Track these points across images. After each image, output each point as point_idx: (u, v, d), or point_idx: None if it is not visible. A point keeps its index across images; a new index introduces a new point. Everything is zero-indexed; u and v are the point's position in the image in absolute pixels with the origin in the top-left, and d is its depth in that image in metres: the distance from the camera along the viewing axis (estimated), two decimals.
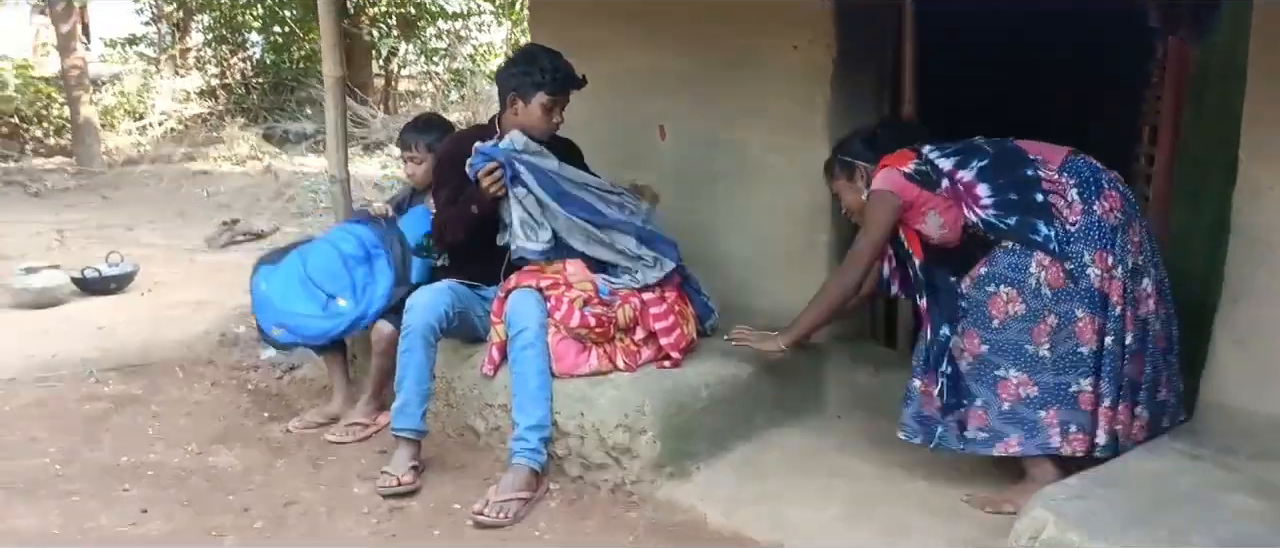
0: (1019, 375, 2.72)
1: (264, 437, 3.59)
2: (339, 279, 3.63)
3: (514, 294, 3.20)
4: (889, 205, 2.85)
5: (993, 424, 2.76)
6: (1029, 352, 2.70)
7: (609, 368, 3.19)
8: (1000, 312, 2.72)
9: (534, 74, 3.33)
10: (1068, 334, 2.67)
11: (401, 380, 3.20)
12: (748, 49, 3.74)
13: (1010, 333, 2.71)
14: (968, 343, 2.79)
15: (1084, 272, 2.64)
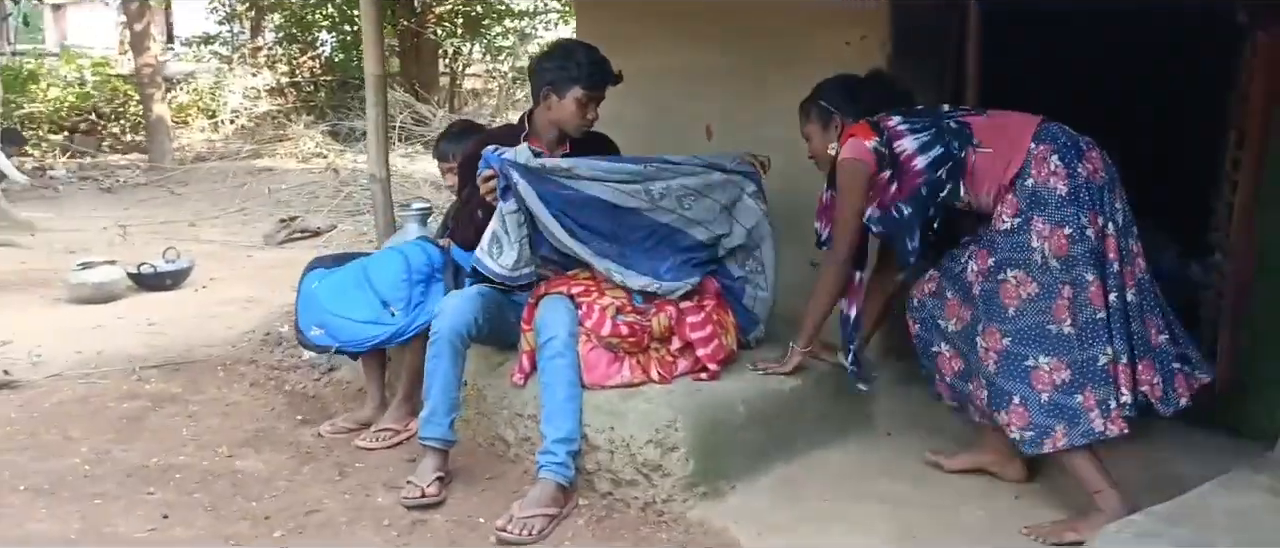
0: (1049, 361, 2.61)
1: (295, 441, 3.52)
2: (398, 290, 3.53)
3: (544, 301, 3.08)
4: (862, 175, 2.85)
5: (1036, 420, 2.64)
6: (1053, 332, 2.61)
7: (642, 379, 3.04)
8: (1013, 298, 2.64)
9: (570, 68, 3.20)
10: (1084, 301, 2.59)
11: (428, 388, 3.09)
12: (797, 46, 3.56)
13: (1029, 318, 2.63)
14: (990, 341, 2.68)
15: (1083, 234, 2.57)
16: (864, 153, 2.83)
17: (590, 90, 3.21)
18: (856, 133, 2.86)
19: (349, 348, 3.57)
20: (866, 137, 2.83)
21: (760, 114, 3.70)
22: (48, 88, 12.85)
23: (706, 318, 3.10)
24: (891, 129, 2.84)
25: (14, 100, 11.86)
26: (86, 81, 13.15)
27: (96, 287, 5.56)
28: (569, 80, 3.20)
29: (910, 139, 2.81)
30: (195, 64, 14.39)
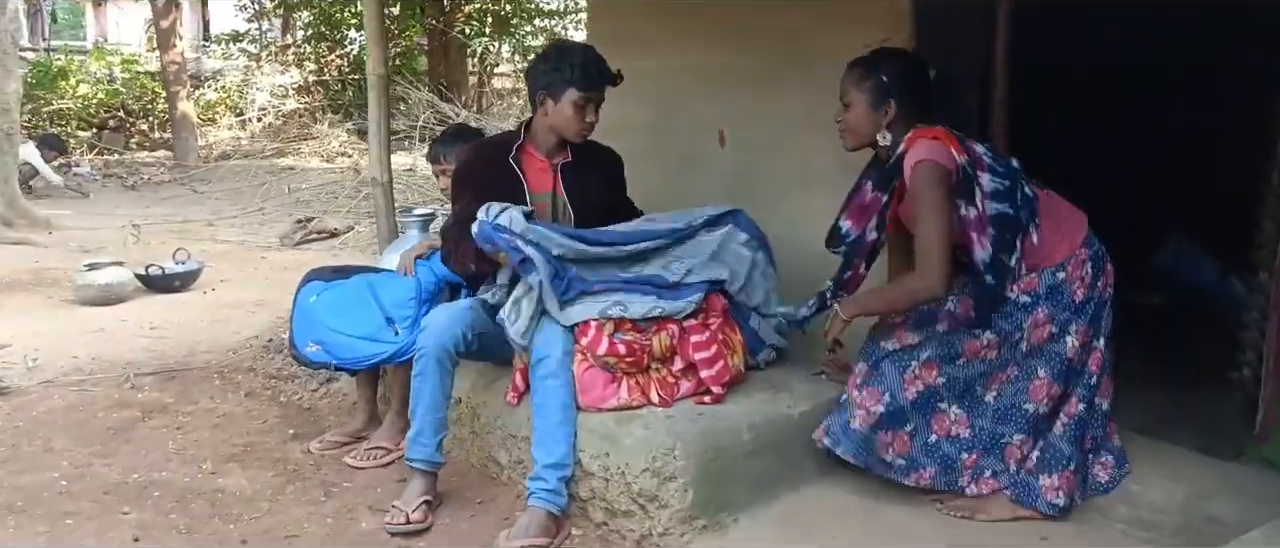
0: (959, 414, 2.70)
1: (283, 457, 3.38)
2: (405, 309, 3.34)
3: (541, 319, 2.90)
4: (945, 182, 2.55)
5: (914, 453, 2.71)
6: (978, 393, 2.70)
7: (641, 402, 2.86)
8: (972, 352, 2.67)
9: (564, 70, 3.03)
10: (1020, 389, 2.69)
11: (414, 407, 2.94)
12: (814, 47, 3.35)
13: (970, 372, 2.69)
14: (924, 373, 2.68)
15: (1064, 340, 2.66)
16: (950, 162, 2.55)
17: (587, 92, 3.03)
18: (938, 137, 2.58)
19: (347, 366, 3.40)
20: (951, 145, 2.57)
21: (774, 119, 3.51)
22: (77, 84, 12.90)
23: (711, 337, 2.91)
24: (977, 155, 2.61)
25: (43, 97, 11.91)
26: (116, 78, 13.19)
27: (103, 288, 5.48)
28: (564, 83, 3.03)
29: (989, 178, 2.60)
30: (224, 62, 14.41)
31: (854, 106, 2.75)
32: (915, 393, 2.69)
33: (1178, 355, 4.10)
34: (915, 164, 2.56)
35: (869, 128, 2.73)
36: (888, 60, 2.74)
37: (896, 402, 2.69)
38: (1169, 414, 3.52)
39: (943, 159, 2.55)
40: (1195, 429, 3.40)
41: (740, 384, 3.01)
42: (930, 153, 2.55)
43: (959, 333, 2.67)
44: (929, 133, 2.61)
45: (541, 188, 3.16)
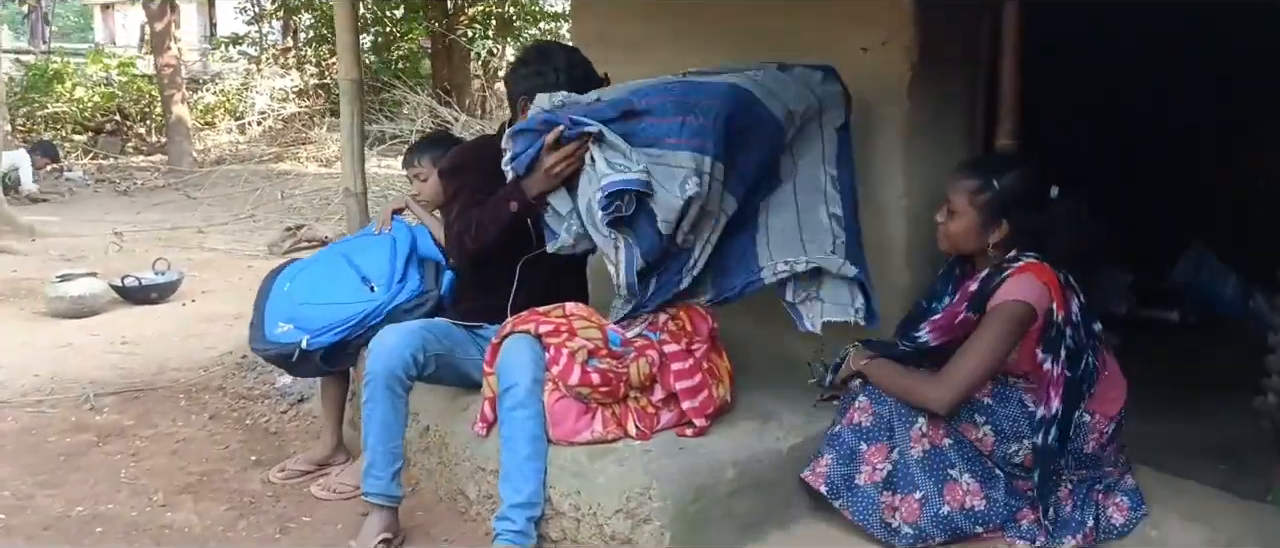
0: (971, 484, 2.44)
1: (240, 487, 3.17)
2: (381, 267, 3.18)
3: (507, 342, 2.68)
4: (1022, 327, 2.37)
5: (923, 525, 2.43)
6: (989, 466, 2.47)
7: (616, 434, 2.63)
8: (966, 432, 2.48)
9: (546, 74, 2.82)
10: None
11: (365, 437, 2.73)
12: (810, 50, 3.11)
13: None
14: (931, 429, 2.46)
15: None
16: (1043, 305, 2.36)
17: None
18: (1048, 282, 2.38)
19: (321, 340, 3.06)
20: (1054, 296, 2.38)
21: None
22: (73, 88, 12.75)
23: (695, 365, 2.68)
24: (1070, 311, 2.42)
25: (38, 100, 11.75)
26: (113, 82, 13.03)
27: (75, 300, 5.28)
28: (546, 86, 2.81)
29: (1071, 337, 2.42)
30: (224, 64, 14.26)
31: (961, 217, 2.50)
32: (922, 452, 2.48)
33: (1198, 378, 3.86)
34: (1010, 300, 2.37)
35: (975, 244, 2.51)
36: (1008, 173, 2.48)
37: (904, 460, 2.48)
38: (1189, 446, 3.29)
39: (1039, 305, 2.37)
40: (1219, 463, 3.17)
41: (726, 414, 2.79)
42: (1030, 294, 2.37)
43: (963, 409, 2.47)
44: (1039, 270, 2.40)
45: None
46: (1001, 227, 2.46)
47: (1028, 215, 2.45)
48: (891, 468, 2.49)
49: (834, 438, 2.57)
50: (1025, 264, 2.42)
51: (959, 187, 2.52)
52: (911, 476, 2.49)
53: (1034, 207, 2.46)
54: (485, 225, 2.80)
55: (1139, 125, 5.07)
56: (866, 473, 2.54)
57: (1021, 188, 2.47)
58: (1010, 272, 2.42)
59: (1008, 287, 2.39)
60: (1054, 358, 2.39)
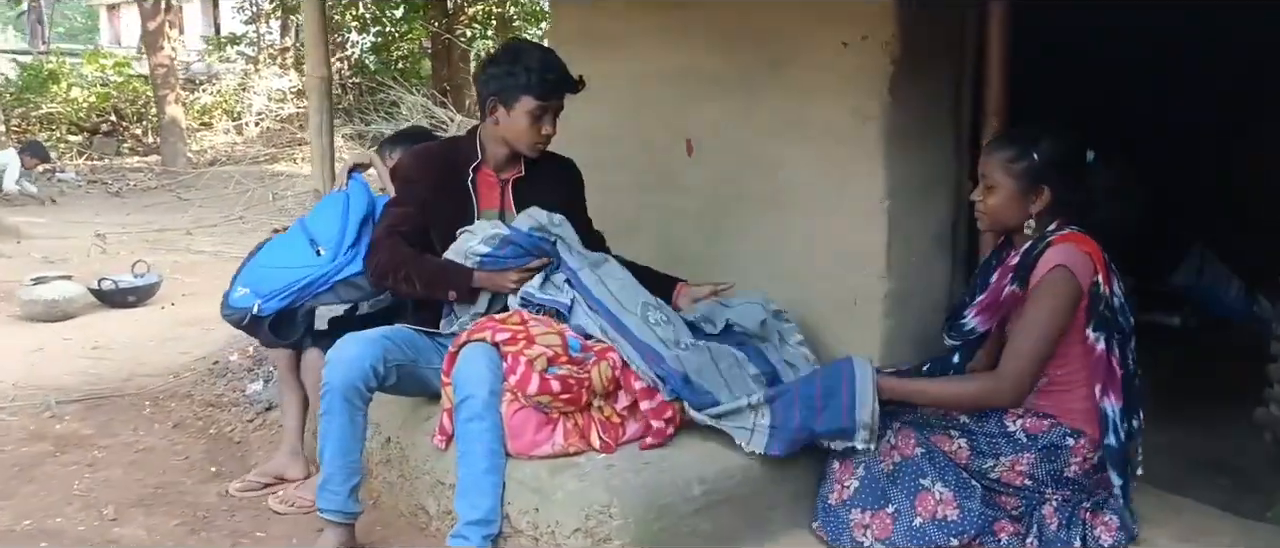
0: (944, 493, 2.32)
1: (196, 500, 3.05)
2: (330, 229, 3.07)
3: (463, 351, 2.55)
4: (1073, 296, 2.23)
5: (896, 539, 2.33)
6: (964, 476, 2.34)
7: (579, 447, 2.50)
8: (939, 444, 2.39)
9: (518, 74, 2.68)
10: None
11: (321, 450, 2.60)
12: (790, 46, 3.00)
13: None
14: (901, 441, 2.38)
15: (1040, 507, 2.37)
16: (1086, 276, 2.23)
17: (544, 100, 2.69)
18: (1090, 251, 2.26)
19: (269, 305, 3.01)
20: (1098, 258, 2.25)
21: (748, 128, 3.15)
22: (69, 88, 12.66)
23: None
24: (1114, 290, 2.28)
25: (33, 101, 11.67)
26: (109, 82, 12.94)
27: (49, 304, 5.18)
28: (518, 89, 2.69)
29: (1120, 318, 2.30)
30: (221, 64, 14.16)
31: (999, 190, 2.37)
32: (892, 465, 2.37)
33: (1199, 387, 3.72)
34: (1054, 266, 2.24)
35: (1016, 216, 2.37)
36: (1044, 139, 2.35)
37: (871, 474, 2.37)
38: (1189, 459, 3.15)
39: (1082, 274, 2.23)
40: (1217, 477, 3.04)
41: (695, 425, 2.66)
42: (1073, 261, 2.23)
43: (937, 420, 2.38)
44: (1081, 240, 2.28)
45: (489, 204, 2.83)
46: (1043, 194, 2.33)
47: (1067, 182, 2.34)
48: (857, 484, 2.38)
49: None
50: (1067, 234, 2.30)
51: (994, 158, 2.39)
52: (882, 489, 2.38)
53: (1073, 172, 2.35)
54: (413, 283, 2.75)
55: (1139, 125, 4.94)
56: (837, 492, 2.45)
57: (1058, 152, 2.35)
58: (1052, 239, 2.30)
59: (1050, 254, 2.27)
60: (1107, 337, 2.24)
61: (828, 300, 2.99)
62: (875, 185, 2.81)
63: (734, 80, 3.16)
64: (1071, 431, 2.32)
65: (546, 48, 2.84)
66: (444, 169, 2.78)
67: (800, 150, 3.00)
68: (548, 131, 2.76)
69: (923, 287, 2.91)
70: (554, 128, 2.77)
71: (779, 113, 3.04)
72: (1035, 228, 2.34)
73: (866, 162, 2.83)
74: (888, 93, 2.78)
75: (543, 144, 2.79)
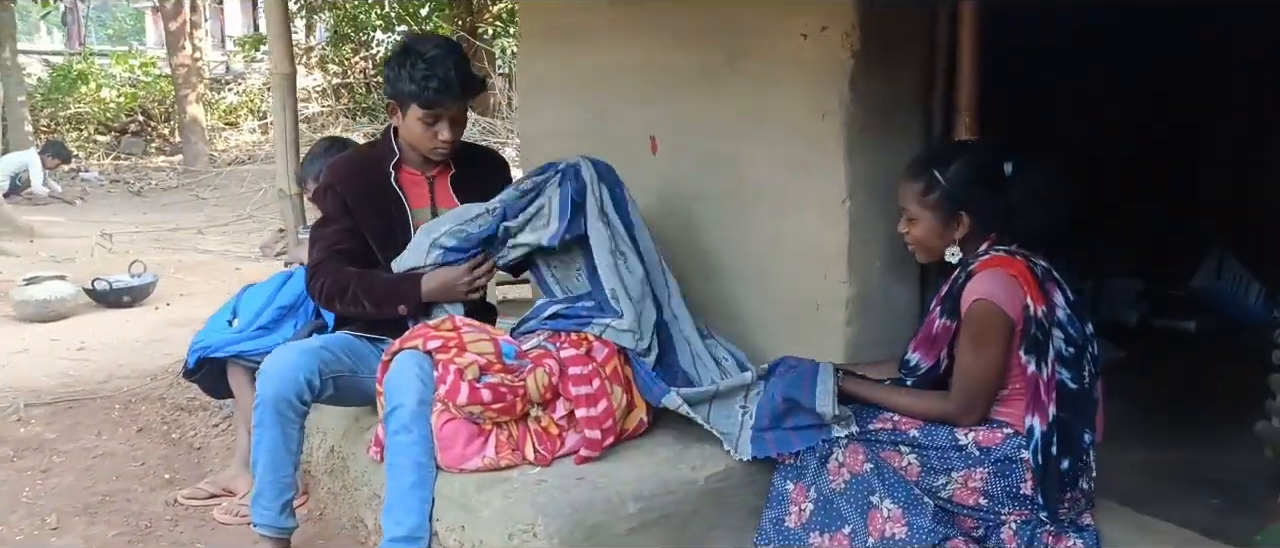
0: (893, 509, 2.17)
1: (142, 508, 2.98)
2: (253, 305, 3.05)
3: (395, 359, 2.44)
4: (1004, 326, 2.13)
5: None
6: (916, 492, 2.18)
7: (512, 461, 2.38)
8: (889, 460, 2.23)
9: (402, 80, 2.53)
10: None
11: (254, 463, 2.52)
12: (750, 38, 2.85)
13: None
14: (849, 458, 2.23)
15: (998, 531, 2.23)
16: (1015, 303, 2.11)
17: (428, 108, 2.54)
18: (1015, 273, 2.13)
19: (188, 359, 3.07)
20: (1026, 287, 2.12)
21: (710, 123, 3.01)
22: (98, 88, 12.79)
23: (594, 371, 2.41)
24: (1054, 305, 2.16)
25: (61, 101, 11.80)
26: (138, 82, 13.06)
27: (40, 304, 5.17)
28: (405, 95, 2.55)
29: (1061, 337, 2.16)
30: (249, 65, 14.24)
31: (919, 222, 2.28)
32: (843, 483, 2.24)
33: (1207, 396, 3.52)
34: (976, 300, 2.13)
35: (940, 246, 2.28)
36: (954, 162, 2.24)
37: (823, 495, 2.25)
38: (1183, 475, 2.97)
39: (1007, 304, 2.11)
40: (1211, 496, 2.85)
41: (642, 437, 2.53)
42: (994, 292, 2.11)
43: (886, 435, 2.25)
44: (1006, 263, 2.15)
45: (418, 203, 2.72)
46: (962, 220, 2.22)
47: (987, 201, 2.21)
48: (812, 506, 2.25)
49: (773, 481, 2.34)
50: (991, 258, 2.19)
51: (907, 191, 2.31)
52: (837, 510, 2.24)
53: (990, 190, 2.21)
54: (361, 304, 2.62)
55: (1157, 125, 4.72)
56: (795, 515, 2.31)
57: (971, 173, 2.23)
58: (975, 266, 2.19)
59: (973, 285, 2.16)
60: (1040, 360, 2.12)
61: (789, 306, 2.85)
62: (835, 184, 2.66)
63: (695, 74, 3.02)
64: (1027, 442, 2.17)
65: (442, 46, 2.59)
66: (366, 174, 2.67)
67: (760, 147, 2.86)
68: (446, 137, 2.60)
69: (888, 292, 2.75)
70: (455, 133, 2.62)
71: (739, 108, 2.90)
72: (962, 254, 2.23)
73: (826, 158, 2.67)
74: (848, 87, 2.62)
75: (442, 149, 2.63)
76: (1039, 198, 2.21)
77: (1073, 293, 2.25)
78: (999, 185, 2.22)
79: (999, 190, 2.22)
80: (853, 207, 2.66)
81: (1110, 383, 3.75)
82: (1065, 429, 2.16)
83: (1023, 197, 2.20)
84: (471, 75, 2.57)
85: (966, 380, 2.18)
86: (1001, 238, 2.23)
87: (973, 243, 2.25)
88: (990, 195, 2.21)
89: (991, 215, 2.21)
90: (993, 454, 2.19)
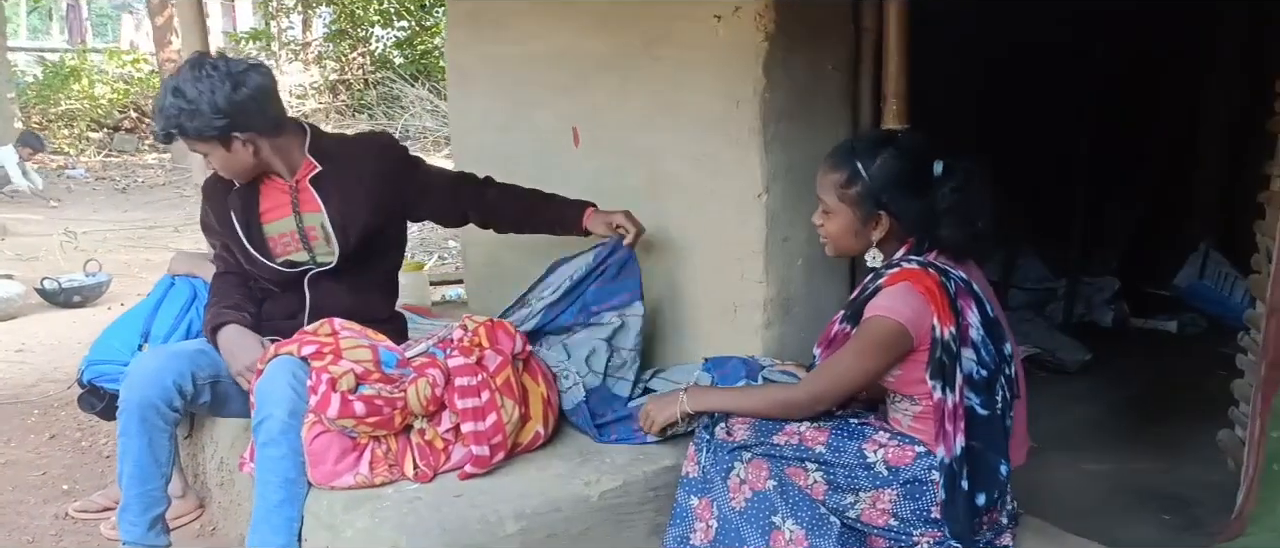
0: (795, 531, 1.98)
1: (29, 522, 2.84)
2: (165, 324, 2.82)
3: (268, 366, 2.27)
4: (896, 348, 1.95)
5: None
6: (821, 512, 1.99)
7: (387, 477, 2.20)
8: (794, 477, 2.03)
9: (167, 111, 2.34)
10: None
11: (119, 474, 2.36)
12: (664, 23, 2.66)
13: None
14: (751, 474, 2.04)
15: None
16: (922, 324, 1.92)
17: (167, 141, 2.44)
18: (927, 289, 1.94)
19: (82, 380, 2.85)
20: (935, 306, 1.93)
21: (626, 114, 2.83)
22: (91, 85, 12.71)
23: (483, 383, 2.23)
24: (966, 325, 1.97)
25: (52, 98, 11.73)
26: (131, 78, 12.97)
27: None
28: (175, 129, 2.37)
29: (972, 359, 1.97)
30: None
31: (835, 216, 2.06)
32: (744, 502, 2.05)
33: (1180, 402, 3.33)
34: (872, 316, 1.94)
35: (856, 244, 2.07)
36: (881, 155, 2.02)
37: (724, 514, 2.06)
38: (1138, 489, 2.78)
39: (912, 324, 1.92)
40: (1162, 512, 2.66)
41: (538, 449, 2.36)
42: (897, 311, 1.92)
43: (791, 450, 2.06)
44: (918, 278, 1.95)
45: (281, 213, 2.52)
46: (881, 220, 2.02)
47: (910, 202, 2.00)
48: (717, 524, 2.07)
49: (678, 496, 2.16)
50: (902, 272, 1.98)
51: (826, 181, 2.08)
52: (738, 531, 2.05)
53: (915, 190, 2.00)
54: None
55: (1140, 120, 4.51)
56: (701, 531, 2.12)
57: (896, 171, 2.01)
58: (884, 279, 1.99)
59: (878, 299, 1.96)
60: (947, 385, 1.93)
61: (707, 308, 2.67)
62: (751, 177, 2.48)
63: (612, 62, 2.84)
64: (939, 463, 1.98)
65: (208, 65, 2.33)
66: (226, 187, 2.51)
67: (675, 138, 2.67)
68: (217, 164, 2.43)
69: (809, 293, 2.56)
70: (223, 162, 2.41)
71: (654, 96, 2.72)
72: (880, 257, 2.04)
73: (739, 149, 2.49)
74: (762, 72, 2.43)
75: (234, 176, 2.45)
76: (965, 203, 2.00)
77: (1039, 288, 2.06)
78: (925, 186, 2.01)
79: (925, 191, 2.00)
80: (770, 201, 2.48)
81: (1076, 386, 3.64)
82: (977, 460, 1.96)
83: (948, 200, 2.00)
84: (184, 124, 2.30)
85: (828, 373, 2.01)
86: (920, 245, 2.03)
87: (890, 247, 2.05)
88: (915, 196, 2.00)
89: (914, 218, 2.00)
90: (902, 475, 2.00)
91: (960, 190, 1.98)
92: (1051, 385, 3.59)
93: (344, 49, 13.88)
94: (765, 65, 2.43)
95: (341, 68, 13.72)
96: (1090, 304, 4.39)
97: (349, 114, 12.55)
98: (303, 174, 2.48)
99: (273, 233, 2.50)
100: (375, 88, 13.40)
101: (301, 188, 2.48)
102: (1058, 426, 3.16)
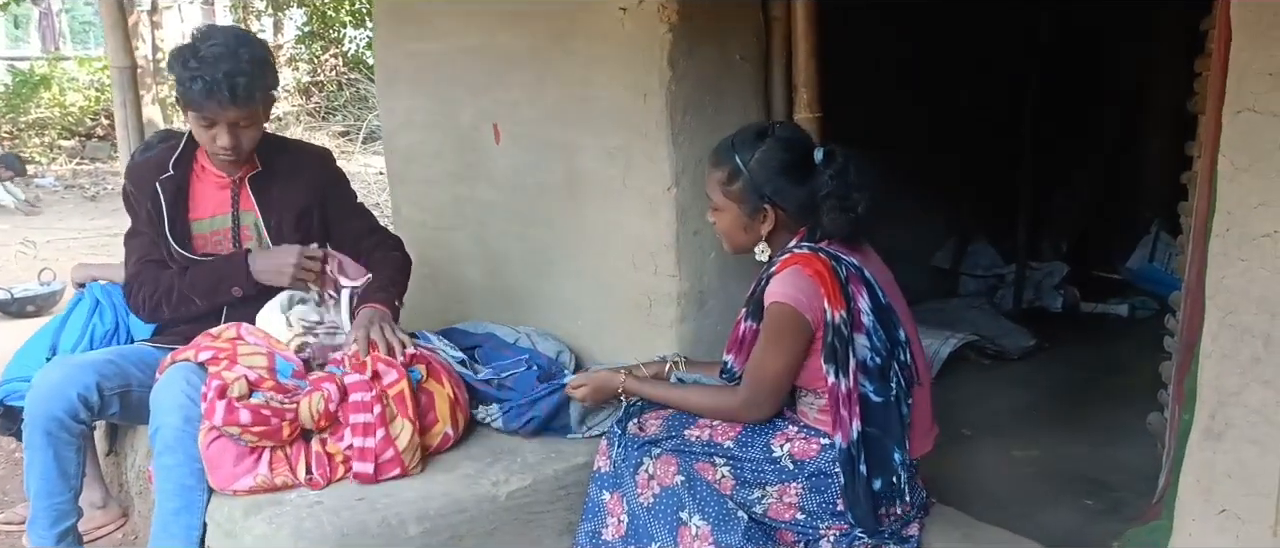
0: (702, 526, 1.99)
1: None
2: (71, 337, 2.80)
3: (163, 374, 2.25)
4: (801, 331, 1.95)
5: None
6: (729, 506, 2.00)
7: (288, 481, 2.18)
8: (703, 472, 2.06)
9: (176, 77, 2.31)
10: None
11: (26, 486, 2.34)
12: (573, 17, 2.63)
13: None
14: (660, 469, 2.05)
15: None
16: (815, 308, 1.92)
17: (196, 112, 2.31)
18: (816, 272, 1.94)
19: None
20: (825, 289, 1.92)
21: (543, 109, 2.80)
22: (62, 92, 12.61)
23: (376, 398, 2.20)
24: (857, 310, 1.97)
25: (22, 106, 11.65)
26: (103, 85, 12.88)
27: None
28: (181, 96, 2.34)
29: (865, 344, 1.96)
30: None
31: (724, 213, 2.08)
32: (652, 497, 2.05)
33: (1124, 386, 3.31)
34: (771, 304, 1.96)
35: (747, 240, 2.08)
36: (759, 148, 2.02)
37: (633, 510, 2.08)
38: (1064, 474, 2.76)
39: (806, 309, 1.92)
40: (1085, 497, 2.64)
41: (447, 450, 2.34)
42: (790, 295, 1.92)
43: (701, 446, 2.07)
44: (807, 262, 1.95)
45: (216, 210, 2.50)
46: (768, 213, 2.02)
47: (794, 191, 2.00)
48: (628, 519, 2.07)
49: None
50: (792, 257, 1.98)
51: (711, 179, 2.10)
52: (646, 527, 2.05)
53: (797, 179, 2.00)
54: (191, 301, 2.42)
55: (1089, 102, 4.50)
56: (613, 526, 2.13)
57: (776, 162, 2.02)
58: (775, 267, 2.00)
59: (772, 287, 1.97)
60: (840, 370, 1.93)
61: (624, 303, 2.65)
62: (660, 171, 2.46)
63: (527, 57, 2.81)
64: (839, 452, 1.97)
65: (225, 44, 2.28)
66: (151, 176, 2.47)
67: (587, 133, 2.65)
68: (226, 143, 2.34)
69: (722, 286, 2.54)
70: (236, 140, 2.34)
71: (568, 92, 2.69)
72: (767, 251, 2.05)
73: (649, 143, 2.47)
74: (668, 63, 2.41)
75: (224, 156, 2.39)
76: (843, 188, 1.99)
77: (989, 274, 2.05)
78: (807, 174, 2.01)
79: (806, 180, 2.00)
80: (680, 194, 2.46)
81: (1017, 372, 3.62)
82: (874, 445, 1.95)
83: (827, 187, 1.99)
84: (255, 81, 2.29)
85: (753, 376, 2.02)
86: (812, 233, 2.02)
87: (781, 238, 2.05)
88: (796, 185, 2.00)
89: (798, 208, 2.01)
90: (807, 468, 1.99)
91: (838, 177, 1.98)
92: (992, 372, 3.57)
93: (315, 51, 13.81)
94: (671, 57, 2.40)
95: (313, 69, 13.65)
96: (1039, 290, 4.38)
97: (319, 116, 12.47)
98: (245, 172, 2.46)
99: (202, 231, 2.47)
100: (346, 89, 13.34)
101: (243, 186, 2.46)
102: (991, 412, 3.16)
